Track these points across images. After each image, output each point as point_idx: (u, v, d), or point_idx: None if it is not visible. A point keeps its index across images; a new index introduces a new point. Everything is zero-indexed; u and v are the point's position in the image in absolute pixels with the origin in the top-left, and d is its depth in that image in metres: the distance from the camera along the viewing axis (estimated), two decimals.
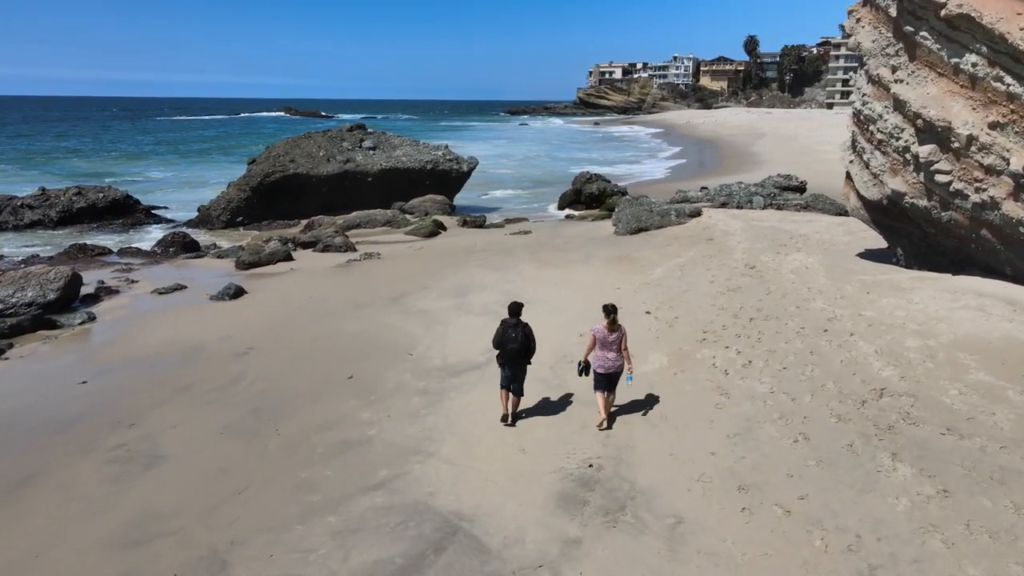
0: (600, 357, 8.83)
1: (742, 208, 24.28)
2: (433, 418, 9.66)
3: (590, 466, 7.95)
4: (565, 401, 9.83)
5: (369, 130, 36.34)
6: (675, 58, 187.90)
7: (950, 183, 11.88)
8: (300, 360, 12.56)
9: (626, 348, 8.86)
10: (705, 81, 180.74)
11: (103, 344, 14.61)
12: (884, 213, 13.97)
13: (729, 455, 7.82)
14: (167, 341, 14.25)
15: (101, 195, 30.65)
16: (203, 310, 16.61)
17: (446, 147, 36.34)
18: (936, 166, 11.99)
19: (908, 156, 12.68)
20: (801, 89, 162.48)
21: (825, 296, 12.45)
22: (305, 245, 24.48)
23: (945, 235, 12.68)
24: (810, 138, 63.54)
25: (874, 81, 13.40)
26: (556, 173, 51.15)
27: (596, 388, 9.00)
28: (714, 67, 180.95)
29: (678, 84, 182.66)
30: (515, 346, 8.94)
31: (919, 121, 12.06)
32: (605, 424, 8.86)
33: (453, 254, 21.16)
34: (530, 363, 9.31)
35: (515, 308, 9.18)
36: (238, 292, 17.60)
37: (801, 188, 26.09)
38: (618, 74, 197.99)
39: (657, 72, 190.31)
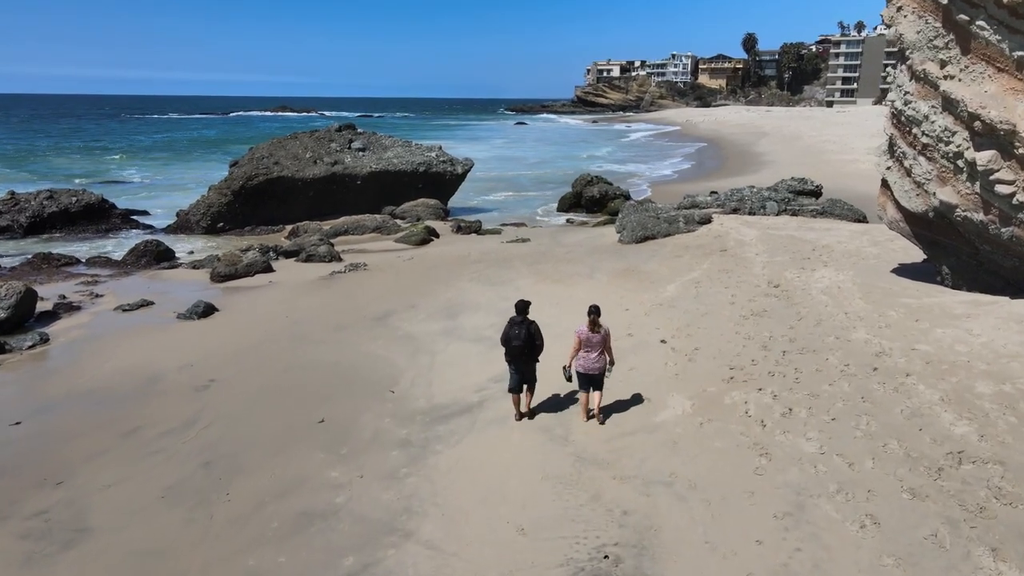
0: (583, 358, 8.80)
1: (755, 214, 22.72)
2: (414, 480, 8.07)
3: (605, 557, 6.36)
4: (572, 460, 8.20)
5: (359, 130, 34.65)
6: (673, 56, 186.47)
7: (1013, 195, 10.33)
8: (266, 397, 10.98)
9: (610, 348, 8.88)
10: (703, 79, 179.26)
11: (50, 373, 12.99)
12: (928, 227, 12.39)
13: (780, 545, 6.23)
14: (121, 370, 12.67)
15: (74, 199, 28.90)
16: (167, 331, 14.99)
17: (440, 148, 34.70)
18: (996, 175, 10.43)
19: (960, 163, 11.11)
20: (800, 87, 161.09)
21: (867, 324, 10.86)
22: (287, 254, 22.86)
23: (1004, 254, 11.11)
24: (815, 137, 61.95)
25: (919, 77, 11.81)
26: (555, 174, 49.56)
27: (580, 388, 9.05)
28: (713, 65, 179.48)
29: (676, 82, 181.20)
30: (518, 343, 8.88)
31: (976, 123, 10.49)
32: (597, 417, 8.91)
33: (445, 265, 19.56)
34: (538, 361, 9.18)
35: (521, 306, 9.07)
36: (207, 310, 15.98)
37: (817, 192, 24.55)
38: (616, 72, 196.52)
39: (655, 70, 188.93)
